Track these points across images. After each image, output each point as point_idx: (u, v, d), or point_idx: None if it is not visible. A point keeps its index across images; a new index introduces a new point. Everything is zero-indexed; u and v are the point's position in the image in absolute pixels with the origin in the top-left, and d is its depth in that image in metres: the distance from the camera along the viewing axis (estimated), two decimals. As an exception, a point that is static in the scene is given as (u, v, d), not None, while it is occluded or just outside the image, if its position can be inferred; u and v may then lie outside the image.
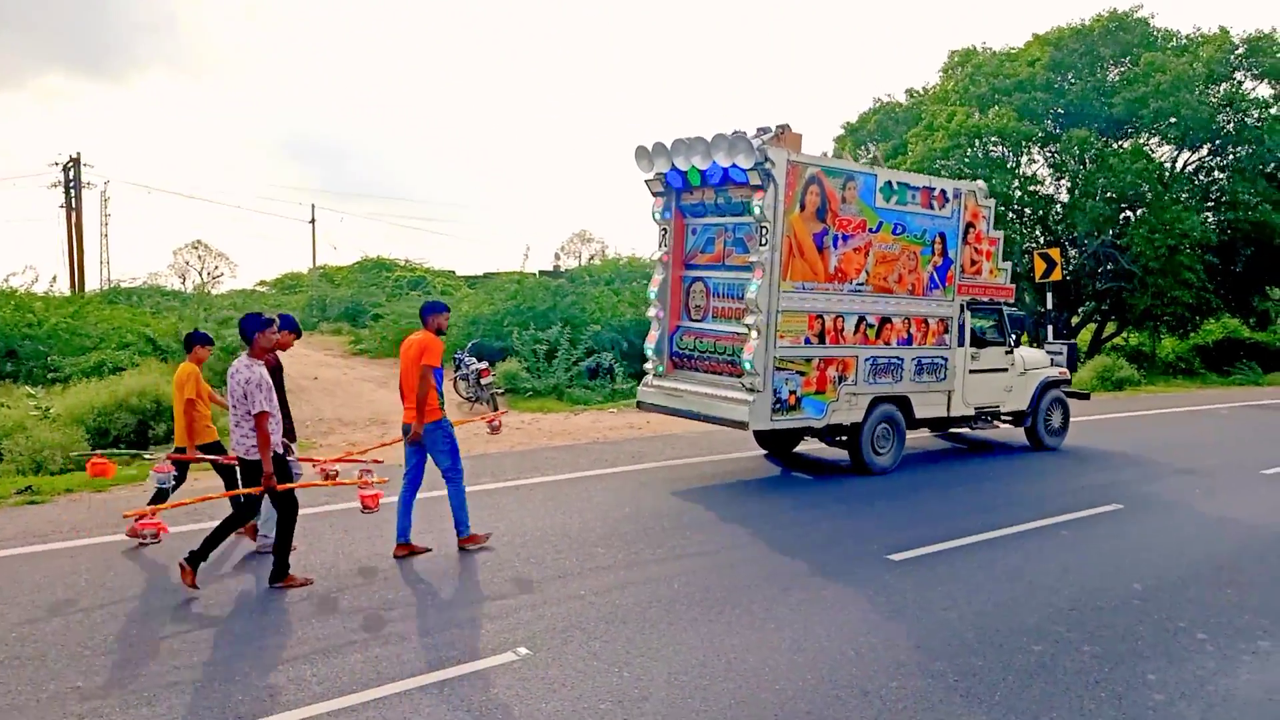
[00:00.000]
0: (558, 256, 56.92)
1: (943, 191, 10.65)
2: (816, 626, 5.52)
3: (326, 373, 19.05)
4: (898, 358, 10.38)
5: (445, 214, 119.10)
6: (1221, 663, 5.11)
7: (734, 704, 4.50)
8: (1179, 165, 27.41)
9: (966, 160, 25.76)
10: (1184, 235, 23.83)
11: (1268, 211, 24.68)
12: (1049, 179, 27.84)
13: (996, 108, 26.14)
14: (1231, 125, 25.93)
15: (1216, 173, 27.29)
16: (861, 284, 9.97)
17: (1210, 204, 26.89)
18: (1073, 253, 26.43)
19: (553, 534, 7.46)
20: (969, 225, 10.98)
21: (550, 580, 6.33)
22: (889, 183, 10.14)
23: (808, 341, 9.58)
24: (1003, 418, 12.02)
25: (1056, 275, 19.16)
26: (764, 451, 11.37)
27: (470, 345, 16.95)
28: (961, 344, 11.02)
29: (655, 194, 10.49)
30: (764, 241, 9.19)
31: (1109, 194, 24.96)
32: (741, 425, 9.46)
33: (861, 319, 10.00)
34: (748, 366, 9.25)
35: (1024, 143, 26.26)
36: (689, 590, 6.14)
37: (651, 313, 10.70)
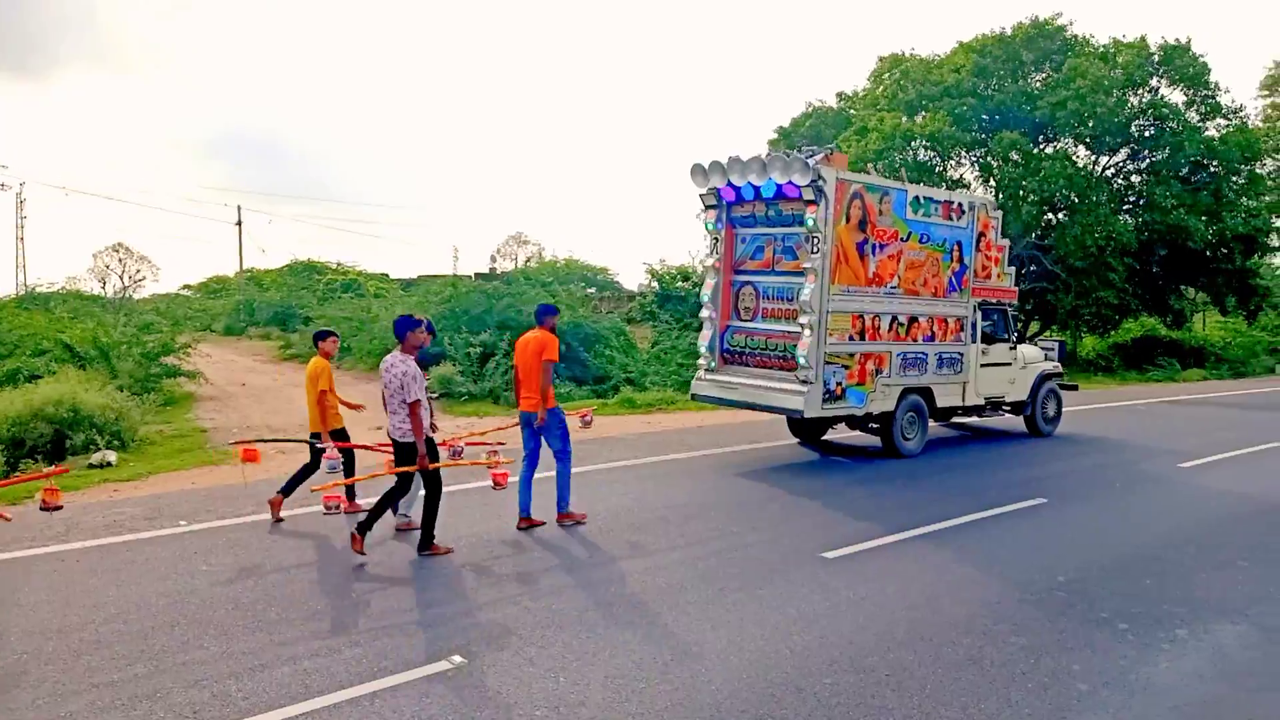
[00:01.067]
0: (494, 258, 56.58)
1: (960, 205, 11.92)
2: (752, 626, 5.55)
3: (255, 379, 18.58)
4: (923, 353, 11.60)
5: (379, 215, 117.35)
6: (1142, 651, 5.27)
7: (670, 705, 4.49)
8: (1098, 168, 28.37)
9: (897, 164, 26.30)
10: (1111, 237, 24.67)
11: (1182, 215, 25.68)
12: (975, 182, 28.59)
13: (927, 113, 26.74)
14: (1149, 130, 26.92)
15: (1134, 176, 28.32)
16: (894, 287, 11.17)
17: (1127, 206, 27.89)
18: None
19: (488, 539, 7.38)
20: (981, 235, 12.24)
21: (486, 586, 6.26)
22: (917, 197, 11.36)
23: (851, 339, 10.74)
24: (1005, 407, 13.13)
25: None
26: (796, 440, 12.48)
27: (404, 349, 16.68)
28: (975, 341, 12.31)
29: (708, 206, 11.54)
30: (815, 249, 10.29)
31: (1033, 197, 25.73)
32: (797, 413, 10.53)
33: (894, 318, 11.21)
34: (802, 361, 10.34)
35: (953, 147, 26.91)
36: (625, 593, 6.12)
37: (704, 314, 11.69)
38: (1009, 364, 12.94)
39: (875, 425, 11.58)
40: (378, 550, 7.06)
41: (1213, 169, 27.21)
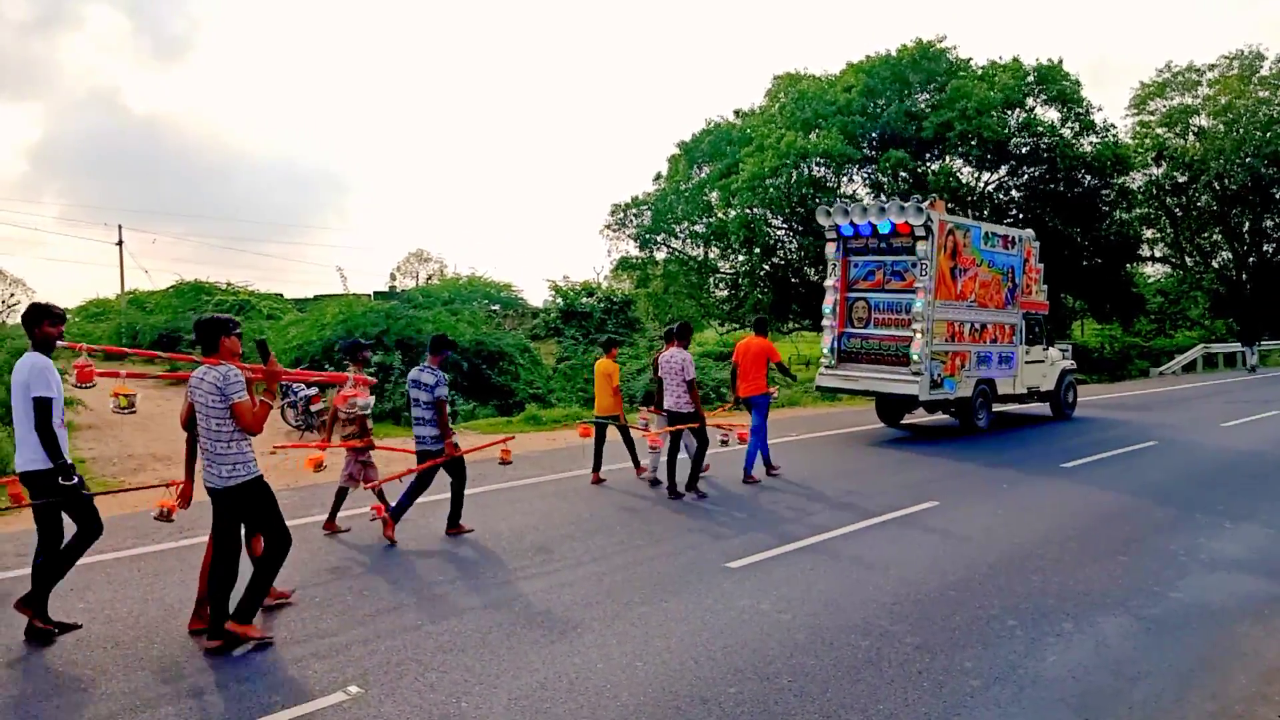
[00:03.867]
0: (394, 276, 55.45)
1: (1013, 238, 15.55)
2: (657, 639, 5.54)
3: (139, 405, 17.64)
4: (990, 352, 15.02)
5: (272, 234, 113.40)
6: (1030, 646, 5.47)
7: (575, 724, 4.44)
8: (980, 184, 29.64)
9: (793, 180, 26.93)
10: None
11: (1060, 226, 27.03)
12: (867, 198, 29.50)
13: (821, 130, 27.48)
14: (1026, 148, 28.28)
15: (1014, 191, 29.69)
16: (972, 302, 14.50)
17: (1008, 220, 29.23)
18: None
19: (386, 565, 7.19)
20: (1025, 260, 15.81)
21: (385, 613, 6.08)
22: (987, 233, 14.91)
23: (946, 341, 13.95)
24: (1035, 397, 16.48)
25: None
26: (882, 424, 15.86)
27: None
28: (1022, 343, 15.74)
29: (829, 240, 14.78)
30: (924, 273, 13.52)
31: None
32: (913, 397, 13.70)
33: (972, 325, 14.55)
34: (915, 358, 13.51)
35: (845, 164, 27.70)
36: (530, 613, 6.04)
37: (825, 323, 14.93)
38: (1042, 361, 16.39)
39: (952, 409, 14.95)
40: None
41: (1087, 183, 28.75)
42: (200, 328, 5.48)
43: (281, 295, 33.05)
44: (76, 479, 5.51)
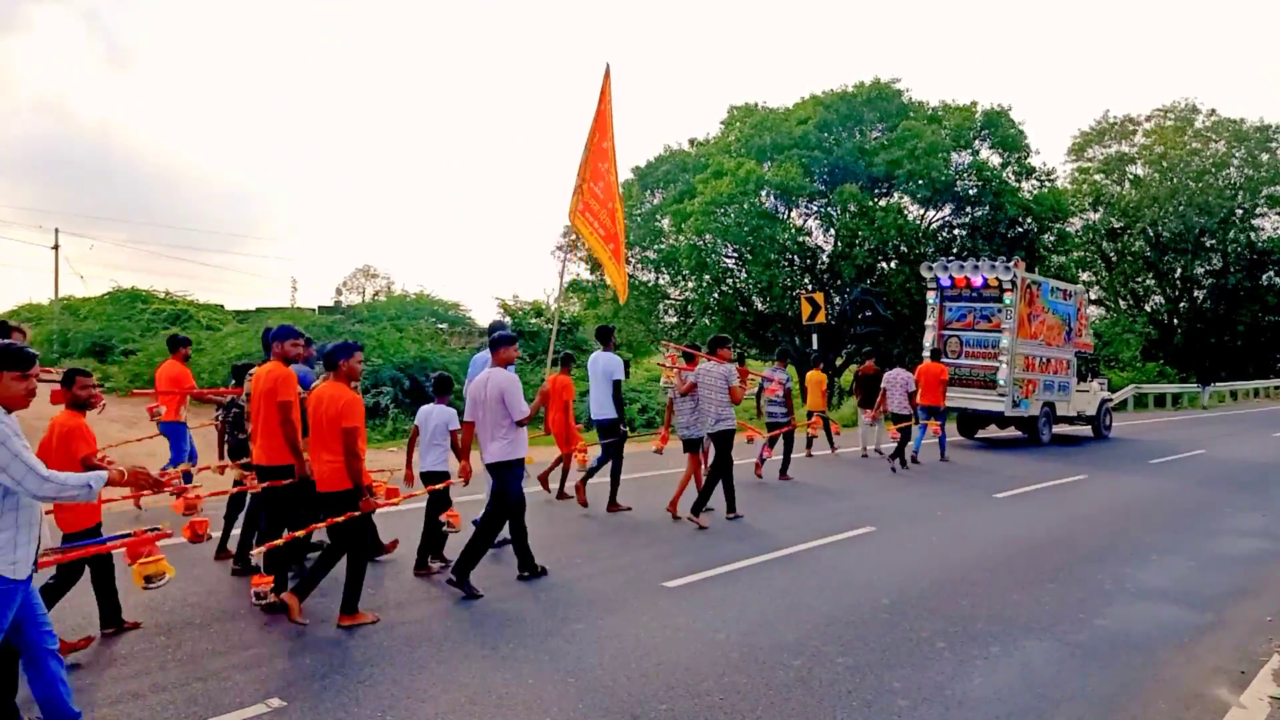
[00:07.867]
0: (340, 291, 54.65)
1: (1069, 291, 19.86)
2: (591, 656, 5.49)
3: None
4: (1053, 381, 18.75)
5: (215, 244, 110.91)
6: (958, 667, 5.52)
7: (502, 739, 4.37)
8: (925, 222, 30.28)
9: (745, 210, 27.17)
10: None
11: (999, 266, 27.69)
12: (816, 230, 29.92)
13: (775, 163, 27.83)
14: (973, 189, 28.99)
15: (958, 230, 30.35)
16: (1041, 341, 18.21)
17: (951, 259, 29.85)
18: (837, 299, 28.41)
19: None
20: (1078, 310, 19.90)
21: (311, 624, 5.94)
22: (1053, 287, 19.11)
23: (1023, 371, 17.62)
24: (1079, 420, 20.18)
25: (821, 318, 20.62)
26: (961, 436, 19.19)
27: (237, 381, 15.83)
28: (1074, 375, 19.50)
29: (929, 289, 18.71)
30: (1009, 318, 17.40)
31: (868, 245, 27.13)
32: (1000, 413, 17.55)
33: (1040, 359, 18.19)
34: (1001, 383, 17.30)
35: (798, 196, 28.05)
36: (461, 627, 5.95)
37: (925, 355, 17.70)
38: (1088, 391, 20.13)
39: (1021, 427, 18.66)
40: (197, 589, 6.59)
41: (1027, 226, 29.53)
42: (712, 341, 9.78)
43: (222, 306, 32.30)
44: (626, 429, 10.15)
